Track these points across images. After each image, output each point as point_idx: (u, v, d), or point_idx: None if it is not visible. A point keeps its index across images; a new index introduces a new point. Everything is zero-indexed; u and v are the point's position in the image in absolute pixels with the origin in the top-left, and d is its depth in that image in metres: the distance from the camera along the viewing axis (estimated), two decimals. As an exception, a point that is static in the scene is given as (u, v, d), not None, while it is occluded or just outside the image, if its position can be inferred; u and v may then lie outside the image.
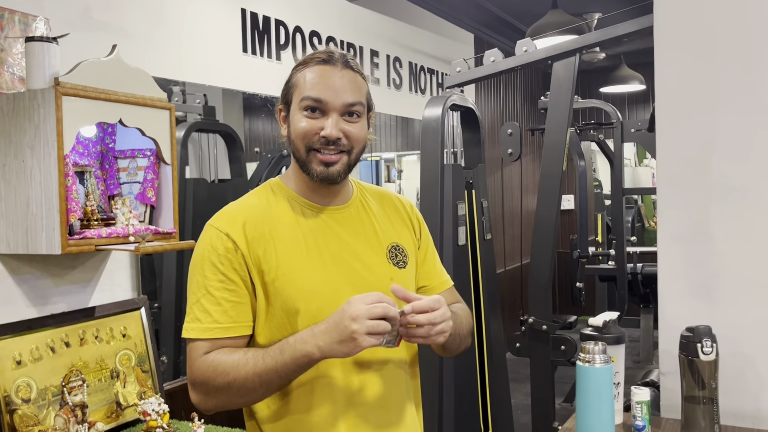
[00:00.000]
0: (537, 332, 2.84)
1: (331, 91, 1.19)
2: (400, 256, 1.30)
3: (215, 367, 1.14)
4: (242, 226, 1.20)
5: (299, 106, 1.21)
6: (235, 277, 1.18)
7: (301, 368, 1.12)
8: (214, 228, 1.21)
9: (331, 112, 1.20)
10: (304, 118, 1.20)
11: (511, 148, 3.03)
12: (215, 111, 2.91)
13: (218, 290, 1.17)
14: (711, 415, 1.43)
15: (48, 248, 1.71)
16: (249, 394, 1.15)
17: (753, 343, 1.61)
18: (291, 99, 1.23)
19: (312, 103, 1.20)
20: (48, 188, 1.70)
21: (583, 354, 1.38)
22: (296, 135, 1.22)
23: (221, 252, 1.18)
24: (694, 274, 1.67)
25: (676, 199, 1.70)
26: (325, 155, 1.20)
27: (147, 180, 2.01)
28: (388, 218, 1.34)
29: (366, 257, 1.26)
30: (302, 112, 1.21)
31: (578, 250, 4.60)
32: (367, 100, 1.25)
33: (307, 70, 1.22)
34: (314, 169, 1.21)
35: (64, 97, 1.70)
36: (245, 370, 1.12)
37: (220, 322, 1.17)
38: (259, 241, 1.19)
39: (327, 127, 1.19)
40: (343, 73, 1.21)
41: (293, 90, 1.23)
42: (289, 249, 1.20)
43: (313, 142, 1.20)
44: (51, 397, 1.77)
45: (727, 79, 1.64)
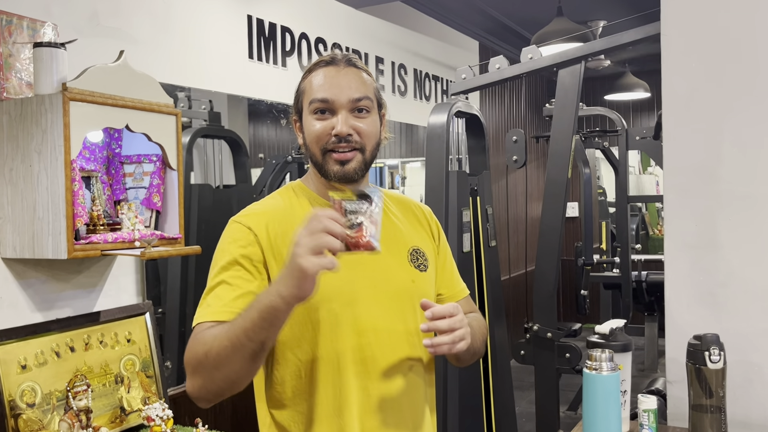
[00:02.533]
0: (542, 340, 2.83)
1: (336, 89, 1.21)
2: (421, 260, 1.31)
3: (198, 340, 1.10)
4: (265, 223, 1.21)
5: (309, 110, 1.23)
6: (252, 270, 1.18)
7: (269, 323, 1.03)
8: (236, 222, 1.23)
9: (339, 110, 1.21)
10: (315, 121, 1.22)
11: (516, 155, 3.03)
12: (220, 117, 2.92)
13: (233, 278, 1.17)
14: (718, 424, 1.42)
15: (54, 253, 1.71)
16: (224, 364, 1.07)
17: (761, 351, 1.60)
18: (302, 106, 1.25)
19: (320, 105, 1.21)
20: (54, 193, 1.70)
21: (590, 361, 1.37)
22: (310, 139, 1.23)
23: (242, 243, 1.19)
24: (701, 282, 1.66)
25: (683, 206, 1.69)
26: (340, 153, 1.21)
27: (153, 185, 2.01)
28: (408, 223, 1.35)
29: (387, 258, 1.26)
30: (313, 115, 1.22)
31: (583, 257, 4.59)
32: (375, 97, 1.26)
33: (312, 75, 1.25)
34: (331, 169, 1.22)
35: (72, 103, 1.70)
36: (222, 337, 1.06)
37: (231, 306, 1.13)
38: (282, 238, 1.19)
39: (337, 124, 1.20)
40: (347, 71, 1.24)
41: (302, 96, 1.25)
42: None
43: (327, 143, 1.21)
44: (56, 401, 1.77)
45: (734, 87, 1.64)
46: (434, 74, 4.27)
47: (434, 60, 4.26)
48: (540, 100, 6.38)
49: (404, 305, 1.26)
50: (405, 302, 1.26)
